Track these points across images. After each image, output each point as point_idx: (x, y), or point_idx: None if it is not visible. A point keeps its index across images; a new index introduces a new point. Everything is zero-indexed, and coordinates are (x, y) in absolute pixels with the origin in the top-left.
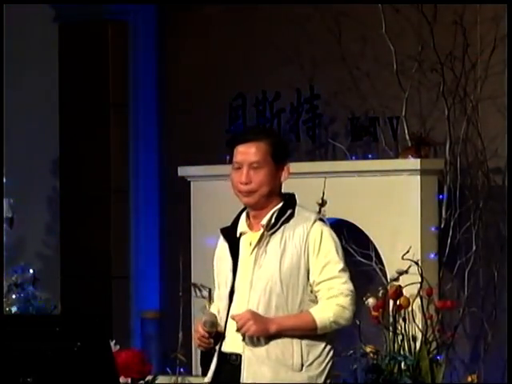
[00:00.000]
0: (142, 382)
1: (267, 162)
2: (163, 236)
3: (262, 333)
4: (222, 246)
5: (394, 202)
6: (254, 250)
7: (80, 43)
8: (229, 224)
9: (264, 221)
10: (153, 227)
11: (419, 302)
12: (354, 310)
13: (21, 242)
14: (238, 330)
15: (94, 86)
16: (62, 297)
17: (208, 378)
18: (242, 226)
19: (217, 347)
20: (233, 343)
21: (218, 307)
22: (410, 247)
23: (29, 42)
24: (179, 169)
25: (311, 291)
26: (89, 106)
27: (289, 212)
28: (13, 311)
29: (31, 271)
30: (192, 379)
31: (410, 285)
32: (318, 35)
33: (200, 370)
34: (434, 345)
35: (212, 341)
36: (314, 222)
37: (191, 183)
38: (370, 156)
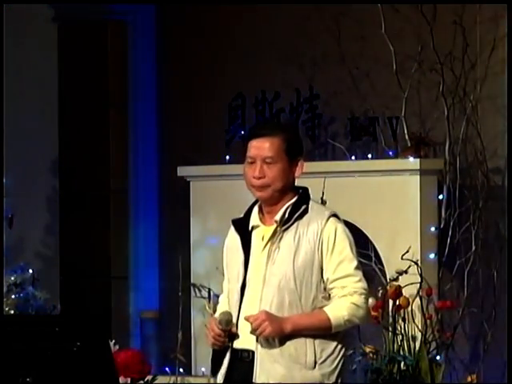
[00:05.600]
0: (141, 382)
1: (281, 157)
2: (163, 236)
3: (277, 333)
4: (233, 238)
5: (393, 202)
6: (266, 245)
7: (79, 43)
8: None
9: (277, 216)
10: (152, 227)
11: (419, 302)
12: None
13: (20, 241)
14: (253, 331)
15: (93, 85)
16: (61, 297)
17: (222, 375)
18: (255, 219)
19: (229, 344)
20: (245, 340)
21: (228, 298)
22: (410, 247)
23: (28, 42)
24: (179, 169)
25: (324, 288)
26: (88, 106)
27: (303, 208)
28: (12, 311)
29: (30, 271)
30: (192, 379)
31: (410, 285)
32: (318, 35)
33: (199, 369)
34: (433, 345)
35: (227, 340)
36: (329, 218)
37: (191, 183)
38: (369, 156)
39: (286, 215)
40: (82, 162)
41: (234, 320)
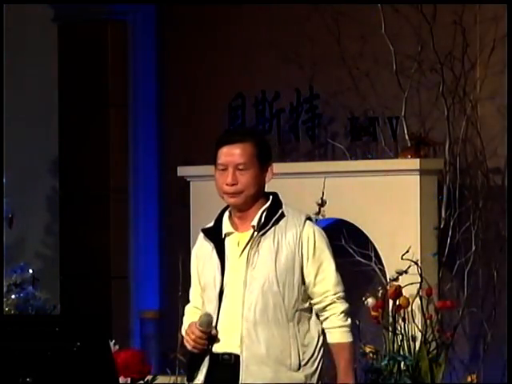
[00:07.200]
0: (141, 382)
1: (253, 163)
2: (163, 236)
3: None
4: (205, 247)
5: (393, 202)
6: (243, 250)
7: (79, 43)
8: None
9: (254, 222)
10: (152, 227)
11: (419, 302)
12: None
13: (20, 241)
14: None
15: (93, 86)
16: (61, 297)
17: (199, 381)
18: (227, 226)
19: (208, 348)
20: (225, 343)
21: (195, 304)
22: (410, 247)
23: (28, 42)
24: (179, 169)
25: (304, 290)
26: (88, 106)
27: (279, 212)
28: (12, 311)
29: (30, 271)
30: None
31: (410, 285)
32: (318, 35)
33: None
34: (433, 345)
35: (207, 342)
36: (305, 221)
37: (191, 183)
38: (369, 156)
39: (263, 220)
40: (82, 161)
41: (214, 324)
